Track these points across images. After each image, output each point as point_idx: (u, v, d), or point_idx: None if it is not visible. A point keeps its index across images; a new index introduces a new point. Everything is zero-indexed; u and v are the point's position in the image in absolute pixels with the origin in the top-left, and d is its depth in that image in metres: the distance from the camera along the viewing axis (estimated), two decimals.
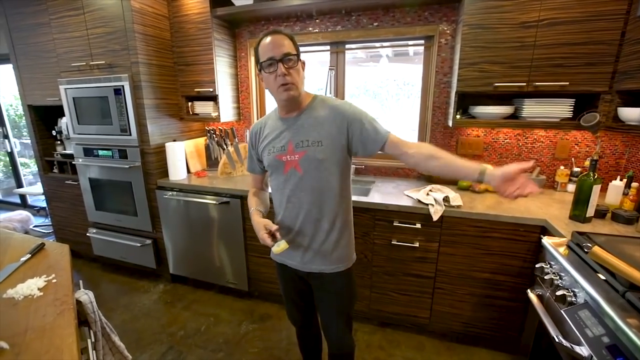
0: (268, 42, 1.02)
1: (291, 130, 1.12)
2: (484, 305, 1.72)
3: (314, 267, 1.19)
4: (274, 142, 1.14)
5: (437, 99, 2.09)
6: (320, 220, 1.15)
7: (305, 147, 1.09)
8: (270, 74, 1.03)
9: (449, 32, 1.97)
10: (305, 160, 1.09)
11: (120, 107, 2.20)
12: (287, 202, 1.16)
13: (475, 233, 1.63)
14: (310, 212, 1.14)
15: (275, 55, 1.01)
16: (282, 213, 1.20)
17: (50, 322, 0.84)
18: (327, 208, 1.14)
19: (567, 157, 1.91)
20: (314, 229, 1.15)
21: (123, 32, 2.08)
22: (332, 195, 1.13)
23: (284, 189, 1.15)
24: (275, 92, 1.07)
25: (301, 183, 1.12)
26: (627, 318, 0.82)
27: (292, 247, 1.16)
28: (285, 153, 1.11)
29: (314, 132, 1.09)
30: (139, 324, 2.06)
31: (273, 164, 1.15)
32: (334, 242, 1.17)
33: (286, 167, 1.12)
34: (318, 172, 1.10)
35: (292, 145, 1.10)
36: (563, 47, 1.55)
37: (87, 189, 2.53)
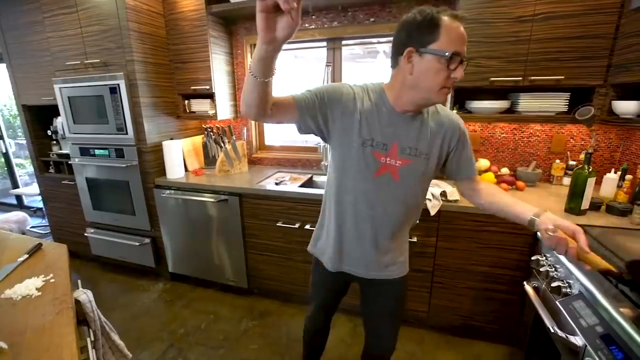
0: (461, 32, 0.83)
1: (401, 130, 0.94)
2: (482, 298, 1.74)
3: (382, 274, 1.11)
4: (373, 133, 0.94)
5: None
6: (401, 231, 1.07)
7: (412, 156, 0.94)
8: (447, 70, 0.83)
9: None
10: (407, 170, 0.95)
11: (116, 106, 2.19)
12: (371, 208, 0.99)
13: (472, 227, 1.65)
14: (396, 223, 1.02)
15: (463, 53, 0.83)
16: (355, 218, 1.02)
17: (50, 322, 0.84)
18: (410, 220, 1.07)
19: (562, 150, 1.92)
20: (395, 238, 1.06)
21: (118, 30, 2.07)
22: (418, 208, 1.08)
23: (368, 193, 0.98)
24: (431, 89, 0.86)
25: (393, 194, 0.97)
26: (620, 308, 0.84)
27: (362, 256, 1.08)
28: (387, 154, 0.94)
29: (425, 142, 0.95)
30: (139, 322, 2.07)
31: (365, 159, 0.95)
32: (404, 249, 1.15)
33: (380, 170, 0.95)
34: (415, 185, 0.98)
35: (397, 147, 0.94)
36: (558, 41, 1.56)
37: (84, 188, 2.52)
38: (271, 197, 1.97)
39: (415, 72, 0.86)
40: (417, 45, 0.84)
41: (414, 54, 0.85)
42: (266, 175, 2.31)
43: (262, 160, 2.65)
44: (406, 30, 0.87)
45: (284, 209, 1.96)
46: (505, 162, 2.05)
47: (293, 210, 1.94)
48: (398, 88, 0.92)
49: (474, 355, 1.76)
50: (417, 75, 0.86)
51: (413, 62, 0.85)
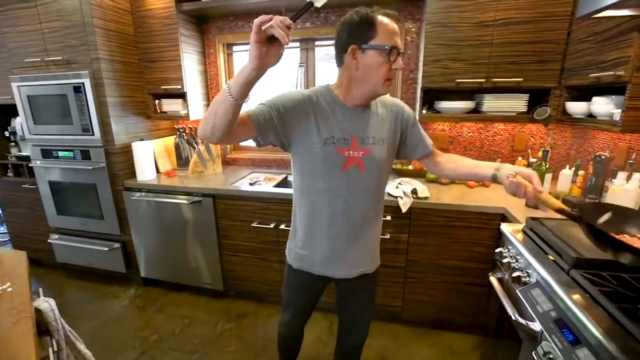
0: (395, 27, 0.90)
1: (357, 123, 1.01)
2: (453, 291, 1.81)
3: (361, 270, 1.15)
4: (332, 131, 0.99)
5: (404, 94, 2.15)
6: (374, 221, 1.11)
7: (371, 144, 1.01)
8: (387, 62, 0.90)
9: (414, 30, 2.03)
10: (370, 159, 1.01)
11: (81, 106, 2.10)
12: (345, 202, 1.03)
13: (442, 223, 1.71)
14: (367, 213, 1.07)
15: (399, 47, 0.91)
16: (341, 217, 1.05)
17: (6, 332, 0.80)
18: (377, 211, 1.12)
19: (524, 148, 2.04)
20: (369, 230, 1.10)
21: (81, 27, 1.98)
22: (381, 196, 1.12)
23: (339, 188, 1.02)
24: (376, 82, 0.93)
25: (362, 183, 1.02)
26: (571, 293, 0.90)
27: (339, 253, 1.10)
28: (349, 147, 0.99)
29: (379, 129, 1.03)
30: (109, 330, 1.99)
31: (330, 157, 0.99)
32: (377, 242, 1.18)
33: (346, 164, 1.00)
34: (379, 172, 1.04)
35: (356, 139, 1.00)
36: (517, 45, 1.66)
37: (47, 193, 2.39)
38: (246, 198, 1.96)
39: (361, 67, 0.93)
40: (358, 42, 0.91)
41: (357, 51, 0.92)
42: (241, 176, 2.29)
43: (236, 160, 2.62)
44: (347, 30, 0.93)
45: (259, 209, 1.95)
46: None
47: (268, 211, 1.94)
48: (346, 84, 0.99)
49: (446, 346, 1.83)
50: (362, 70, 0.93)
51: (357, 59, 0.92)
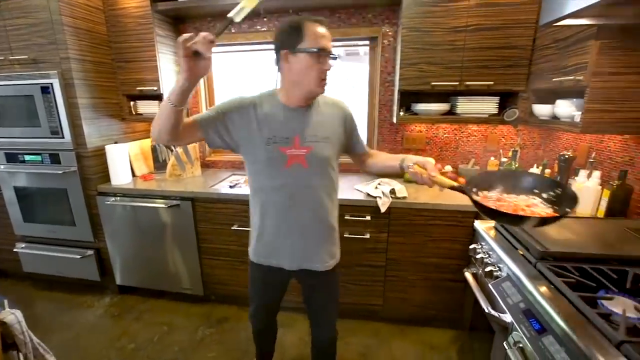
0: (324, 32, 0.99)
1: (298, 122, 1.07)
2: (432, 287, 1.87)
3: (316, 265, 1.18)
4: (275, 131, 1.06)
5: (382, 97, 2.20)
6: (323, 218, 1.15)
7: (313, 142, 1.06)
8: (316, 64, 0.99)
9: (391, 34, 2.08)
10: (313, 156, 1.06)
11: (50, 107, 2.01)
12: (292, 197, 1.09)
13: (420, 222, 1.76)
14: (313, 210, 1.12)
15: (328, 48, 0.99)
16: (280, 212, 1.11)
17: None
18: (327, 206, 1.15)
19: (496, 148, 2.13)
20: (319, 226, 1.15)
21: (49, 25, 1.90)
22: (331, 192, 1.16)
23: (285, 185, 1.08)
24: (310, 82, 1.01)
25: (305, 180, 1.08)
26: (537, 285, 0.96)
27: (293, 248, 1.15)
28: (291, 146, 1.05)
29: (323, 128, 1.09)
30: (83, 341, 1.91)
31: (273, 155, 1.06)
32: (333, 239, 1.21)
33: (289, 161, 1.06)
34: (322, 168, 1.10)
35: (298, 138, 1.05)
36: (487, 50, 1.73)
37: (13, 199, 2.27)
38: (226, 201, 1.94)
39: (294, 70, 1.01)
40: (289, 47, 0.99)
41: (289, 55, 1.00)
42: (220, 179, 2.26)
43: (216, 163, 2.59)
44: (279, 38, 1.03)
45: (239, 212, 1.93)
46: (449, 160, 2.23)
47: (248, 213, 1.92)
48: (286, 87, 1.08)
49: (426, 342, 1.88)
50: (296, 73, 1.02)
51: (290, 62, 1.01)
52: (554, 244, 1.10)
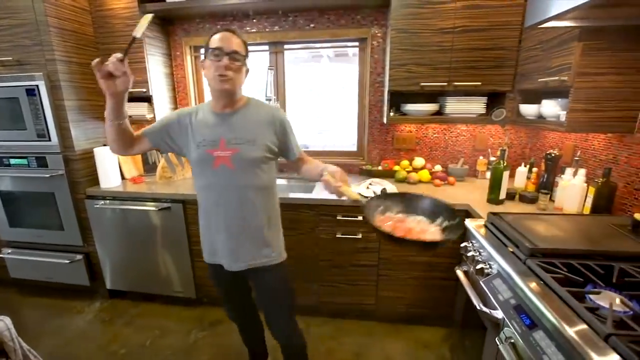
0: (221, 35, 1.08)
1: (224, 126, 1.14)
2: (424, 286, 1.89)
3: (245, 264, 1.23)
4: (204, 135, 1.15)
5: (372, 97, 2.22)
6: (250, 217, 1.19)
7: (237, 145, 1.12)
8: (213, 62, 1.07)
9: (380, 35, 2.10)
10: (238, 157, 1.12)
11: (36, 110, 1.97)
12: (220, 196, 1.17)
13: None
14: (240, 209, 1.17)
15: (225, 48, 1.06)
16: (211, 210, 1.20)
17: None
18: (256, 205, 1.19)
19: (484, 148, 2.17)
20: (244, 225, 1.19)
21: (34, 26, 1.86)
22: (260, 192, 1.19)
23: (213, 185, 1.17)
24: (212, 80, 1.10)
25: (232, 179, 1.14)
26: (527, 281, 0.98)
27: (224, 246, 1.21)
28: (217, 148, 1.13)
29: (247, 131, 1.14)
30: (73, 347, 1.87)
31: (201, 157, 1.15)
32: (264, 238, 1.23)
33: (215, 162, 1.13)
34: (249, 169, 1.15)
35: (224, 141, 1.13)
36: (475, 51, 1.76)
37: None
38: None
39: (204, 73, 1.14)
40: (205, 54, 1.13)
41: (203, 62, 1.13)
42: None
43: None
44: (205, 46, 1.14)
45: None
46: (438, 160, 2.25)
47: None
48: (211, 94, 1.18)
49: (419, 340, 1.90)
50: (205, 75, 1.13)
51: (204, 67, 1.13)
52: (543, 241, 1.12)
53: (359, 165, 2.34)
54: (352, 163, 2.37)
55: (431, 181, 2.07)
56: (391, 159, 2.28)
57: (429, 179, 2.07)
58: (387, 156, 2.31)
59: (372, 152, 2.33)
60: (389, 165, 2.19)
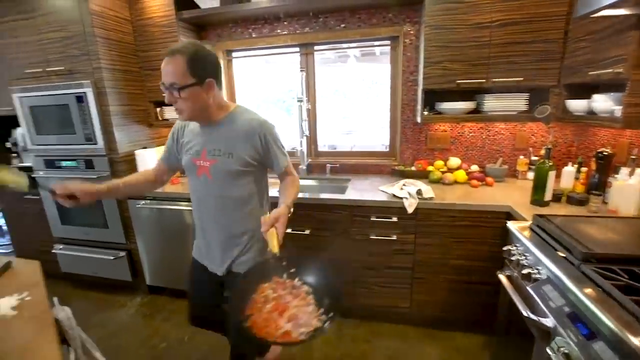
0: (163, 64, 1.02)
1: (206, 137, 1.16)
2: (460, 290, 1.82)
3: (222, 268, 1.22)
4: (191, 144, 1.19)
5: (405, 96, 2.18)
6: (227, 227, 1.19)
7: (216, 156, 1.13)
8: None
9: (412, 33, 2.06)
10: (215, 168, 1.13)
11: (84, 115, 2.10)
12: (199, 204, 1.22)
13: (447, 222, 1.73)
14: (217, 217, 1.19)
15: (164, 81, 1.03)
16: (197, 211, 1.25)
17: (31, 341, 0.80)
18: (234, 215, 1.18)
19: (525, 147, 2.06)
20: (222, 233, 1.20)
21: (82, 37, 1.99)
22: (239, 203, 1.17)
23: (197, 191, 1.21)
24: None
25: (210, 189, 1.16)
26: (583, 288, 0.92)
27: (205, 248, 1.26)
28: (199, 158, 1.16)
29: (227, 144, 1.13)
30: (117, 340, 1.98)
31: (188, 165, 1.20)
32: (243, 246, 1.21)
33: (198, 171, 1.17)
34: (225, 181, 1.14)
35: (205, 151, 1.15)
36: (515, 45, 1.68)
37: (51, 203, 2.38)
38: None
39: None
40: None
41: None
42: None
43: None
44: None
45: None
46: (475, 160, 2.17)
47: None
48: None
49: (456, 346, 1.84)
50: None
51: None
52: (598, 245, 1.05)
53: (391, 166, 2.30)
54: (384, 163, 2.34)
55: (468, 182, 1.99)
56: (424, 159, 2.22)
57: (466, 180, 2.00)
58: (421, 156, 2.25)
59: (405, 152, 2.28)
60: (422, 165, 2.14)
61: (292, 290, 0.91)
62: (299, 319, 0.81)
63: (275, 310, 0.84)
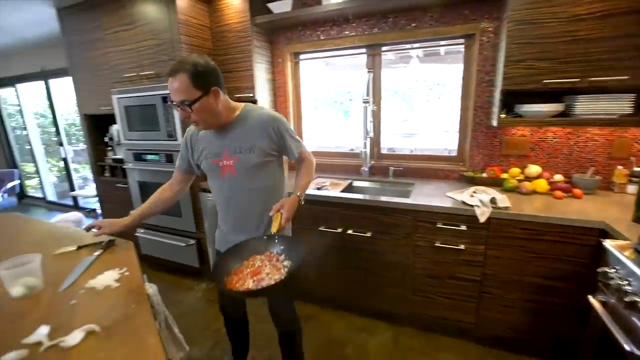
0: (169, 84, 1.09)
1: (224, 139, 1.23)
2: (536, 311, 1.65)
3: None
4: (209, 148, 1.26)
5: (478, 98, 2.04)
6: (259, 214, 1.29)
7: (239, 154, 1.22)
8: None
9: (491, 30, 1.92)
10: (240, 164, 1.22)
11: (167, 114, 2.33)
12: (229, 200, 1.29)
13: (525, 236, 1.57)
14: (249, 208, 1.29)
15: (174, 100, 1.09)
16: (226, 210, 1.33)
17: (131, 311, 0.91)
18: (263, 203, 1.28)
19: (626, 156, 1.79)
20: (255, 221, 1.30)
21: (170, 44, 2.21)
22: (266, 191, 1.29)
23: (223, 190, 1.28)
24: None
25: (237, 185, 1.25)
26: None
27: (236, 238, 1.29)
28: (221, 159, 1.24)
29: (246, 140, 1.22)
30: (186, 320, 2.15)
31: (209, 168, 1.27)
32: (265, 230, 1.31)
33: (222, 172, 1.25)
34: (252, 174, 1.24)
35: (227, 151, 1.23)
36: (619, 39, 1.47)
37: (136, 191, 2.69)
38: (312, 202, 1.99)
39: None
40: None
41: None
42: None
43: None
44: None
45: (326, 213, 1.98)
46: (559, 169, 1.95)
47: (335, 215, 1.95)
48: None
49: None
50: None
51: None
52: None
53: (459, 171, 2.17)
54: (450, 168, 2.21)
55: (549, 192, 1.79)
56: (498, 165, 2.06)
57: (547, 190, 1.80)
58: (493, 162, 2.09)
59: (475, 158, 2.13)
60: (495, 172, 1.98)
61: (275, 263, 1.08)
62: (263, 281, 1.00)
63: (251, 274, 1.03)
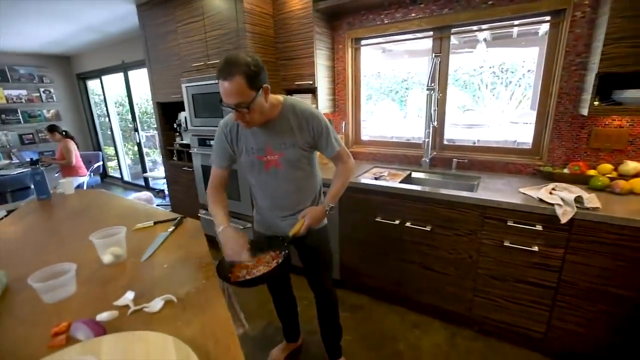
0: (223, 87, 1.07)
1: (267, 134, 1.25)
2: (622, 329, 1.44)
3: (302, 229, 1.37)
4: (250, 144, 1.28)
5: (565, 83, 1.80)
6: (302, 201, 1.39)
7: (283, 149, 1.26)
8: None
9: (587, 3, 1.66)
10: (286, 159, 1.28)
11: None
12: (274, 192, 1.36)
13: (617, 241, 1.37)
14: (293, 197, 1.37)
15: (229, 103, 1.09)
16: (271, 201, 1.39)
17: (202, 285, 0.98)
18: (307, 191, 1.39)
19: None
20: (298, 208, 1.38)
21: (235, 33, 2.29)
22: (308, 179, 1.37)
23: (268, 183, 1.34)
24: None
25: (284, 177, 1.31)
26: None
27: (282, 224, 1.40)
28: (265, 154, 1.28)
29: (289, 136, 1.25)
30: (240, 298, 2.26)
31: (251, 162, 1.31)
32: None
33: (267, 166, 1.30)
34: (295, 167, 1.30)
35: (270, 147, 1.26)
36: None
37: (200, 174, 2.88)
38: (369, 192, 1.95)
39: None
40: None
41: None
42: (364, 170, 2.30)
43: (357, 154, 2.65)
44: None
45: (383, 204, 1.92)
46: None
47: (393, 206, 1.89)
48: None
49: None
50: None
51: None
52: None
53: (534, 166, 1.96)
54: (523, 162, 2.01)
55: None
56: (583, 160, 1.81)
57: None
58: (578, 157, 1.85)
59: (555, 151, 1.90)
60: (580, 168, 1.75)
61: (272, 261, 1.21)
62: (253, 274, 1.15)
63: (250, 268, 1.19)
